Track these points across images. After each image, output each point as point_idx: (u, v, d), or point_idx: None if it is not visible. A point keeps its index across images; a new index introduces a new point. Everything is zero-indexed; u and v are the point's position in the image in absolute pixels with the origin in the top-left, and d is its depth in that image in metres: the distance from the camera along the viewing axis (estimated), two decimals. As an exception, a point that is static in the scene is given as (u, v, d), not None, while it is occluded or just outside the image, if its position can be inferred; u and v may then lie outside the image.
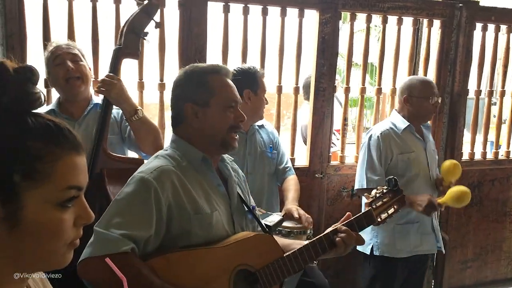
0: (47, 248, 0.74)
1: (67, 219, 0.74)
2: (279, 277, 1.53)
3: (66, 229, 0.74)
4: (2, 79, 0.72)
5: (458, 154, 3.35)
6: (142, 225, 1.35)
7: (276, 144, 2.59)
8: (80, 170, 0.76)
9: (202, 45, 2.67)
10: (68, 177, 0.74)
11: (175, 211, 1.41)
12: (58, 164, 0.73)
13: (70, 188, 0.74)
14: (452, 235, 3.44)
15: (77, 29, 2.48)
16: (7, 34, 2.35)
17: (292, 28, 2.88)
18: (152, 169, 1.43)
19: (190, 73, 1.56)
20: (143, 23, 1.98)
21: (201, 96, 1.52)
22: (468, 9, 3.19)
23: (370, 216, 1.66)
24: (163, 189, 1.39)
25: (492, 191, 3.52)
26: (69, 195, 0.74)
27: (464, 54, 3.24)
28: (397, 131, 2.61)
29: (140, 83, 2.63)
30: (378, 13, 3.06)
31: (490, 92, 3.46)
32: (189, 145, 1.54)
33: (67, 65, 1.99)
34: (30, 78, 0.74)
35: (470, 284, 3.60)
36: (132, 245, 1.31)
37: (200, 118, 1.52)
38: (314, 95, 2.96)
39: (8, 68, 0.73)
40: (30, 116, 0.74)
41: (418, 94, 2.59)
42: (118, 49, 1.98)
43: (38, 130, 0.73)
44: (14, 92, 0.72)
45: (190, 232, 1.42)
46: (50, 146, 0.73)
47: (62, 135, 0.75)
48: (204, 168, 1.54)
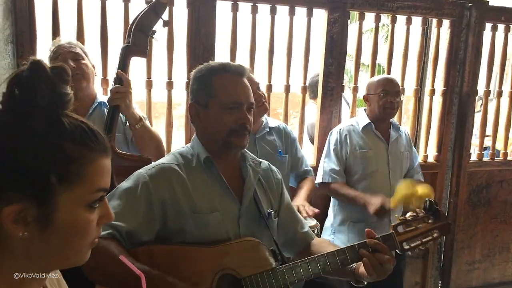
0: (73, 248, 0.75)
1: (93, 220, 0.76)
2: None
3: (92, 229, 0.76)
4: (40, 79, 0.71)
5: (466, 155, 3.33)
6: (126, 217, 1.36)
7: (289, 148, 2.52)
8: (108, 172, 0.78)
9: (211, 44, 2.67)
10: (99, 180, 0.75)
11: (170, 208, 1.41)
12: (91, 167, 0.74)
13: (99, 191, 0.75)
14: (459, 235, 3.42)
15: (86, 27, 2.49)
16: (17, 32, 2.37)
17: (300, 27, 2.88)
18: (152, 166, 1.48)
19: (198, 71, 1.54)
20: (152, 22, 1.99)
21: (202, 97, 1.50)
22: (477, 9, 3.17)
23: (389, 240, 1.48)
24: (157, 186, 1.41)
25: (500, 192, 3.50)
26: (98, 197, 0.76)
27: (473, 54, 3.21)
28: (357, 128, 2.67)
29: (148, 81, 2.64)
30: (387, 13, 3.05)
31: (500, 93, 3.43)
32: (199, 144, 1.53)
33: (68, 64, 1.99)
34: (64, 78, 0.74)
35: (477, 285, 3.59)
36: (110, 231, 1.33)
37: (202, 119, 1.51)
38: (322, 95, 2.96)
39: (46, 68, 0.72)
40: (64, 117, 0.74)
41: (372, 92, 2.63)
42: (126, 47, 1.99)
43: (74, 132, 0.73)
44: (49, 92, 0.72)
45: (185, 230, 1.41)
46: (85, 148, 0.73)
47: (95, 137, 0.76)
48: (208, 168, 1.51)
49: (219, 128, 1.48)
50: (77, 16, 2.47)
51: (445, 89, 3.23)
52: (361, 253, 1.44)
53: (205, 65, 1.56)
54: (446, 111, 3.25)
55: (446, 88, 3.23)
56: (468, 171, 3.36)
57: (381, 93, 2.57)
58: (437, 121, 3.28)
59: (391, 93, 2.58)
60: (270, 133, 2.48)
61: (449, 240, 3.42)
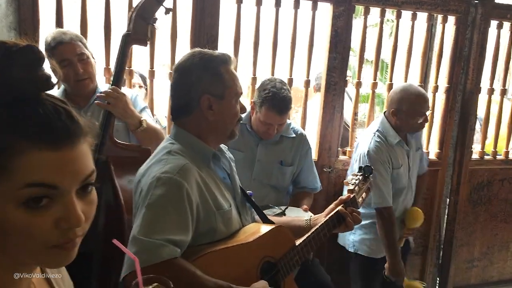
0: (27, 249, 0.66)
1: (36, 222, 0.64)
2: (294, 265, 1.58)
3: (39, 232, 0.65)
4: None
5: (468, 152, 3.32)
6: (181, 229, 1.32)
7: (297, 158, 2.50)
8: (55, 166, 0.64)
9: (215, 35, 2.65)
10: (31, 174, 0.63)
11: (202, 209, 1.40)
12: (20, 159, 0.63)
13: (30, 186, 0.63)
14: (459, 233, 3.42)
15: (89, 15, 2.47)
16: (20, 19, 2.35)
17: (304, 20, 2.86)
18: (177, 169, 1.37)
19: (203, 61, 1.48)
20: (153, 9, 1.94)
21: (217, 87, 1.48)
22: (483, 6, 3.15)
23: (354, 201, 1.77)
24: (192, 189, 1.37)
25: (501, 190, 3.49)
26: (30, 194, 0.63)
27: (478, 51, 3.20)
28: (387, 145, 2.52)
29: (151, 71, 2.63)
30: (392, 8, 3.03)
31: (503, 91, 3.42)
32: (198, 140, 1.49)
33: (77, 68, 1.99)
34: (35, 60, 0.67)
35: (476, 284, 3.59)
36: (179, 249, 1.29)
37: (215, 111, 1.48)
38: (325, 89, 2.94)
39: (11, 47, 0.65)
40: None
41: (407, 111, 2.49)
42: (126, 35, 1.96)
43: (5, 121, 0.64)
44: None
45: (216, 229, 1.43)
46: (14, 137, 0.63)
47: (35, 126, 0.64)
48: (215, 164, 1.54)
49: (232, 117, 1.52)
50: (81, 4, 2.45)
51: (449, 86, 3.22)
52: (343, 213, 1.67)
53: (204, 54, 1.50)
54: (449, 108, 3.24)
55: (450, 85, 3.22)
56: (469, 169, 3.35)
57: (418, 115, 2.48)
58: (440, 118, 3.27)
59: (426, 112, 2.52)
60: (279, 142, 2.47)
61: (449, 238, 3.42)
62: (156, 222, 1.31)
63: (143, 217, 1.31)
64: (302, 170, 2.54)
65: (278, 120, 2.31)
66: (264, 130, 2.36)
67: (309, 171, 2.56)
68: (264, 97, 2.27)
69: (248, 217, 1.65)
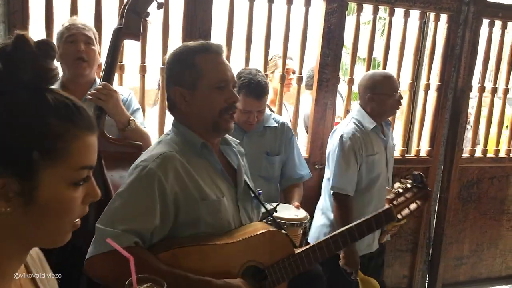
0: (56, 225, 0.74)
1: (78, 198, 0.75)
2: (288, 274, 1.51)
3: (76, 207, 0.75)
4: (23, 54, 0.69)
5: (458, 150, 3.34)
6: (146, 217, 1.32)
7: (283, 146, 2.49)
8: (94, 150, 0.76)
9: (207, 30, 2.63)
10: (83, 157, 0.74)
11: (181, 198, 1.38)
12: (75, 144, 0.72)
13: (84, 168, 0.74)
14: (448, 231, 3.44)
15: (80, 8, 2.44)
16: (10, 11, 2.32)
17: (297, 17, 2.85)
18: (155, 157, 1.38)
19: (178, 54, 1.50)
20: (145, 3, 1.94)
21: (188, 78, 1.46)
22: (475, 5, 3.16)
23: (389, 214, 1.62)
24: (167, 177, 1.35)
25: (490, 188, 3.52)
26: (83, 175, 0.74)
27: (469, 50, 3.21)
28: (364, 131, 2.51)
29: (142, 66, 2.61)
30: (385, 5, 3.03)
31: (494, 90, 3.44)
32: (188, 130, 1.49)
33: (79, 45, 1.98)
34: (50, 53, 0.72)
35: (464, 281, 3.62)
36: (135, 239, 1.28)
37: (189, 102, 1.47)
38: (317, 86, 2.94)
39: (30, 43, 0.70)
40: (48, 93, 0.72)
41: (382, 91, 2.50)
42: (118, 29, 1.95)
43: (58, 108, 0.72)
44: (34, 67, 0.70)
45: (199, 219, 1.40)
46: (69, 124, 0.72)
47: (80, 114, 0.74)
48: (206, 154, 1.50)
49: (210, 108, 1.46)
50: (72, -3, 2.42)
51: (440, 84, 3.23)
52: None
53: (182, 47, 1.52)
54: (440, 106, 3.25)
55: (441, 83, 3.23)
56: (459, 166, 3.37)
57: (393, 92, 2.49)
58: (431, 115, 3.28)
59: (398, 87, 2.55)
60: (263, 133, 2.46)
61: (438, 235, 3.44)
62: (119, 210, 1.32)
63: (109, 206, 1.35)
64: (287, 159, 2.53)
65: (256, 105, 2.30)
66: (244, 120, 2.34)
67: (293, 160, 2.54)
68: (240, 84, 2.26)
69: (253, 215, 1.60)
